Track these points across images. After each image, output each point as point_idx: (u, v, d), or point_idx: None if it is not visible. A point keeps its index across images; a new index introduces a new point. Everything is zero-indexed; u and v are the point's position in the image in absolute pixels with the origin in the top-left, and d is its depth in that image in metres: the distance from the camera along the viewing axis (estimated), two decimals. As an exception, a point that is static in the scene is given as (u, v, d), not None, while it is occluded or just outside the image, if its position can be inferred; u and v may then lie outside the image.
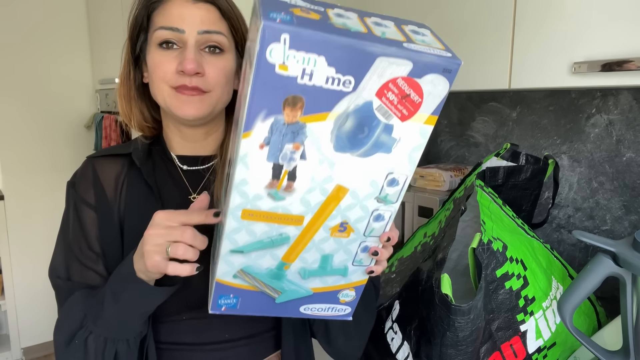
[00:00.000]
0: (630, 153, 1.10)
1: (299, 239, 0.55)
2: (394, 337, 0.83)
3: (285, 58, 0.44)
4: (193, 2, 0.71)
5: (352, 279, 0.60)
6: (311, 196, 0.52)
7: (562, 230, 1.24)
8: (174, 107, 0.71)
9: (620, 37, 0.80)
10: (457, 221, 0.82)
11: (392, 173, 0.52)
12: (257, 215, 0.53)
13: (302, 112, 0.47)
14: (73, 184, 0.77)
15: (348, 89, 0.46)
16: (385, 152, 0.51)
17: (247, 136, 0.48)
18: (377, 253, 0.58)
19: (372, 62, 0.45)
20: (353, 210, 0.54)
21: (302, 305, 0.61)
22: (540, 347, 0.78)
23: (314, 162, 0.50)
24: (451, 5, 1.06)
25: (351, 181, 0.52)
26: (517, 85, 0.97)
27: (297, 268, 0.57)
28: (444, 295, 0.70)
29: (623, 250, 0.70)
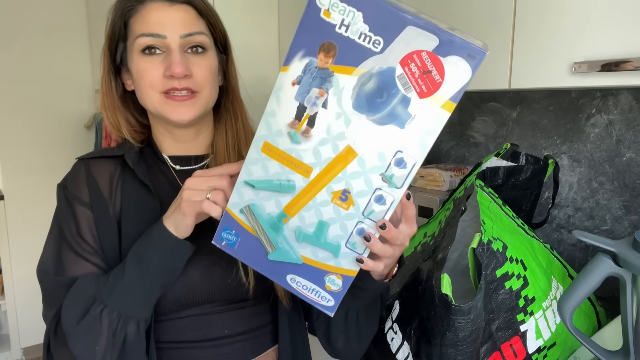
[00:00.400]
0: (630, 153, 1.10)
1: (303, 192, 0.58)
2: (394, 337, 0.83)
3: (331, 5, 0.49)
4: (170, 4, 0.71)
5: (342, 263, 0.60)
6: (323, 149, 0.55)
7: (562, 230, 1.24)
8: (166, 112, 0.72)
9: (620, 37, 0.80)
10: (457, 221, 0.82)
11: (402, 152, 0.53)
12: (275, 152, 0.57)
13: (333, 60, 0.51)
14: (64, 185, 0.76)
15: (377, 49, 0.50)
16: (399, 125, 0.52)
17: (285, 70, 0.53)
18: (369, 239, 0.58)
19: (402, 29, 0.49)
20: (357, 180, 0.56)
21: (289, 274, 0.62)
22: (540, 347, 0.78)
23: (333, 114, 0.54)
24: (451, 5, 1.06)
25: (361, 146, 0.54)
26: (517, 85, 0.97)
27: (294, 225, 0.59)
28: (444, 295, 0.70)
29: (623, 250, 0.70)
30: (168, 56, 0.70)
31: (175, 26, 0.71)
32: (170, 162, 0.80)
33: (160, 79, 0.71)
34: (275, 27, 1.67)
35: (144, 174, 0.76)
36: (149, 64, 0.70)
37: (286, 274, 0.63)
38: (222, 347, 0.76)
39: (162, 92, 0.71)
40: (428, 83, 0.50)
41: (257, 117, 1.73)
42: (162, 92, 0.71)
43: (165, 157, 0.80)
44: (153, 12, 0.70)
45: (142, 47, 0.70)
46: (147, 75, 0.71)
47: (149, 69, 0.70)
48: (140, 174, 0.75)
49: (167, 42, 0.70)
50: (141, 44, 0.70)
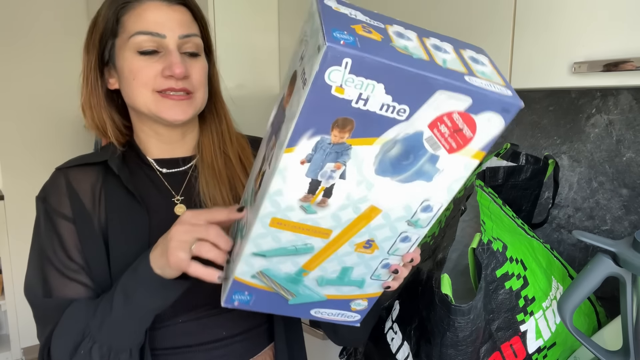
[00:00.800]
0: (630, 153, 1.10)
1: (323, 250, 0.55)
2: (394, 337, 0.83)
3: (344, 82, 0.42)
4: (168, 4, 0.70)
5: (367, 290, 0.60)
6: (343, 213, 0.52)
7: (562, 230, 1.24)
8: (161, 111, 0.71)
9: (620, 37, 0.80)
10: (457, 221, 0.82)
11: (428, 200, 0.52)
12: (286, 225, 0.53)
13: (350, 134, 0.46)
14: (43, 198, 0.72)
15: (401, 117, 0.45)
16: (426, 180, 0.50)
17: (289, 151, 0.47)
18: (397, 271, 0.58)
19: (432, 95, 0.44)
20: (382, 230, 0.54)
21: (313, 309, 0.61)
22: (540, 347, 0.78)
23: (353, 182, 0.50)
24: (451, 5, 1.06)
25: (386, 203, 0.51)
26: (517, 85, 0.97)
27: (315, 276, 0.57)
28: (444, 295, 0.70)
29: (623, 250, 0.70)
30: (166, 56, 0.70)
31: (173, 26, 0.70)
32: (156, 165, 0.78)
33: (156, 77, 0.70)
34: (275, 27, 1.67)
35: (128, 180, 0.73)
36: (144, 63, 0.69)
37: (310, 310, 0.62)
38: (220, 349, 0.75)
39: (157, 91, 0.70)
40: (458, 139, 0.47)
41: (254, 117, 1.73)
42: (158, 91, 0.70)
43: (150, 160, 0.78)
44: (151, 11, 0.69)
45: (139, 46, 0.69)
46: (142, 74, 0.69)
47: (143, 67, 0.69)
48: (125, 180, 0.72)
49: (166, 42, 0.70)
50: (138, 43, 0.69)
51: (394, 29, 0.48)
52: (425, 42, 0.48)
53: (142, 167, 0.78)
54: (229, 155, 0.79)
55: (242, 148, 0.82)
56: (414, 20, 1.17)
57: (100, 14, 0.73)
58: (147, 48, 0.69)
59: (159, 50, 0.70)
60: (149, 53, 0.69)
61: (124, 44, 0.70)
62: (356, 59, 0.41)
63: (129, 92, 0.72)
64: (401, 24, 0.50)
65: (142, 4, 0.70)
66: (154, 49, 0.69)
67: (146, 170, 0.78)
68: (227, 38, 1.57)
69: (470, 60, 0.49)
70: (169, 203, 0.76)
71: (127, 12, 0.70)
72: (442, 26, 1.08)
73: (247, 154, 0.81)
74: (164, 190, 0.77)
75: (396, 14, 0.59)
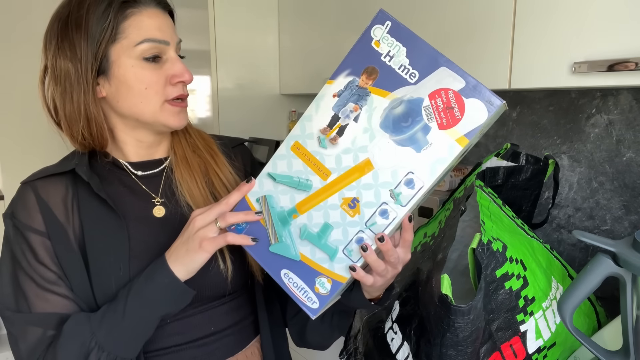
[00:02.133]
0: (630, 153, 1.10)
1: (317, 193, 0.63)
2: (394, 338, 0.83)
3: (382, 38, 0.59)
4: (162, 12, 0.71)
5: (335, 267, 0.63)
6: (345, 157, 0.62)
7: (562, 230, 1.24)
8: (166, 119, 0.71)
9: (620, 37, 0.80)
10: (457, 221, 0.82)
11: (413, 173, 0.59)
12: (302, 152, 0.63)
13: (373, 82, 0.60)
14: (12, 214, 0.70)
15: (412, 80, 0.58)
16: (416, 149, 0.58)
17: (330, 83, 0.62)
18: (366, 249, 0.60)
19: (437, 68, 0.57)
20: (368, 192, 0.61)
21: (284, 268, 0.66)
22: (540, 347, 0.78)
23: (361, 128, 0.61)
24: (451, 5, 1.06)
25: (379, 161, 0.60)
26: (517, 85, 0.97)
27: (301, 223, 0.64)
28: (444, 295, 0.70)
29: (623, 250, 0.70)
30: (169, 64, 0.70)
31: (171, 32, 0.71)
32: (131, 168, 0.76)
33: (165, 85, 0.70)
34: (275, 27, 1.67)
35: (99, 187, 0.70)
36: (152, 71, 0.69)
37: (281, 268, 0.66)
38: (211, 344, 0.76)
39: (166, 100, 0.71)
40: (449, 117, 0.57)
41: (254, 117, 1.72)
42: (168, 99, 0.71)
43: (125, 164, 0.76)
44: (153, 18, 0.69)
45: (146, 54, 0.68)
46: (153, 82, 0.69)
47: (153, 75, 0.69)
48: (95, 187, 0.70)
49: (168, 49, 0.70)
50: (146, 50, 0.68)
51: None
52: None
53: (115, 172, 0.76)
54: (199, 147, 0.81)
55: (202, 138, 0.83)
56: (415, 20, 1.18)
57: (84, 13, 0.67)
58: (152, 54, 0.69)
59: (162, 56, 0.70)
60: (153, 60, 0.69)
61: (125, 51, 0.68)
62: (395, 24, 0.59)
63: (133, 101, 0.70)
64: None
65: (143, 10, 0.68)
66: (157, 56, 0.69)
67: (120, 174, 0.76)
68: (227, 38, 1.57)
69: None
70: (148, 205, 0.75)
71: (127, 19, 0.67)
72: (443, 26, 1.08)
73: (208, 142, 0.82)
74: (141, 194, 0.76)
75: (397, 15, 0.61)
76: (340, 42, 1.40)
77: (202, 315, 0.75)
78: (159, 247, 0.70)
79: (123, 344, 0.64)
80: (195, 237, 0.64)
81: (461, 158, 0.61)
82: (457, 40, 1.06)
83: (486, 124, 0.57)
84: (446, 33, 1.08)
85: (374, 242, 0.60)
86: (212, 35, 1.54)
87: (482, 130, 0.57)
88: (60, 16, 0.70)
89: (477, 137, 0.59)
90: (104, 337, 0.64)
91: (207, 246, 0.64)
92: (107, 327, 0.64)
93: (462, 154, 0.59)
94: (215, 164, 0.80)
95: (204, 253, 0.64)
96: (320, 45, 1.48)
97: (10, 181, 2.43)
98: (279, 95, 1.73)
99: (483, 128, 0.57)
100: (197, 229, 0.64)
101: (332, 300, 0.67)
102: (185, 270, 0.65)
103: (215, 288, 0.74)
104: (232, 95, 1.62)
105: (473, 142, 0.59)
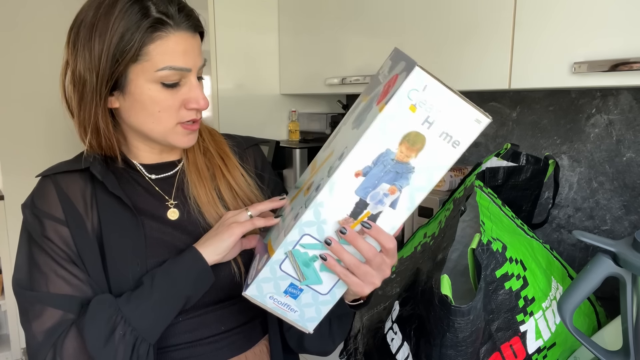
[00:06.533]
0: (630, 153, 1.10)
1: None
2: (394, 338, 0.83)
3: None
4: (192, 35, 0.68)
5: (275, 243, 0.60)
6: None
7: (562, 230, 1.24)
8: (175, 140, 0.73)
9: (620, 37, 0.80)
10: (457, 221, 0.82)
11: (347, 147, 0.51)
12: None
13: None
14: (31, 204, 0.71)
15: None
16: (356, 127, 0.52)
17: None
18: (330, 242, 0.56)
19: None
20: (320, 174, 0.56)
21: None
22: (540, 347, 0.78)
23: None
24: (451, 5, 1.06)
25: (336, 144, 0.55)
26: (517, 85, 0.97)
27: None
28: (444, 296, 0.70)
29: (623, 250, 0.70)
30: (187, 88, 0.69)
31: (195, 57, 0.69)
32: (145, 171, 0.78)
33: (180, 109, 0.70)
34: (275, 27, 1.67)
35: (114, 186, 0.72)
36: (169, 95, 0.68)
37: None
38: (220, 342, 0.78)
39: (179, 122, 0.71)
40: (386, 95, 0.49)
41: (254, 117, 1.72)
42: (180, 122, 0.71)
43: (138, 167, 0.78)
44: (180, 44, 0.66)
45: (166, 80, 0.67)
46: (168, 106, 0.69)
47: (169, 100, 0.68)
48: (110, 186, 0.71)
49: (189, 74, 0.69)
50: (166, 77, 0.66)
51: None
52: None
53: (129, 172, 0.77)
54: (210, 150, 0.82)
55: (214, 140, 0.84)
56: (415, 20, 1.17)
57: (125, 35, 0.64)
58: (172, 81, 0.68)
59: (181, 81, 0.69)
60: (172, 85, 0.68)
61: (146, 73, 0.66)
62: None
63: (144, 120, 0.70)
64: None
65: (172, 34, 0.65)
66: (176, 82, 0.68)
67: (134, 175, 0.77)
68: (227, 38, 1.57)
69: None
70: (162, 207, 0.77)
71: (154, 41, 0.64)
72: (443, 26, 1.08)
73: (220, 144, 0.84)
74: (156, 195, 0.77)
75: (397, 14, 0.60)
76: (340, 42, 1.40)
77: (214, 315, 0.77)
78: (176, 248, 0.73)
79: (148, 322, 0.65)
80: (225, 222, 0.70)
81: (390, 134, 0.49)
82: (458, 40, 1.06)
83: (404, 98, 0.47)
84: (446, 33, 1.08)
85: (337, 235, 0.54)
86: (212, 35, 1.54)
87: (403, 103, 0.47)
88: (86, 18, 0.66)
89: (405, 121, 0.47)
90: (131, 312, 0.65)
91: (236, 228, 0.67)
92: (135, 302, 0.65)
93: (386, 130, 0.48)
94: (225, 167, 0.81)
95: (232, 235, 0.67)
96: (320, 45, 1.48)
97: (11, 181, 2.43)
98: (279, 95, 1.72)
99: (403, 100, 0.47)
100: (229, 217, 0.70)
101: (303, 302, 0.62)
102: (213, 252, 0.68)
103: (226, 289, 0.76)
104: (232, 95, 1.62)
105: (401, 127, 0.48)
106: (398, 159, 0.47)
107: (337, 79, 1.39)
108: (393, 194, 0.48)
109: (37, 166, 0.79)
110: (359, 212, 0.50)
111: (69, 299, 0.67)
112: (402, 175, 0.47)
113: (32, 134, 2.45)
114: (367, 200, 0.49)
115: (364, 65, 1.33)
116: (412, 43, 1.15)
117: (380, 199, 0.49)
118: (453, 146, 0.48)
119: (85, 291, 0.68)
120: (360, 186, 0.48)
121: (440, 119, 0.47)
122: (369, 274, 0.58)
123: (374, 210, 0.49)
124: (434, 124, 0.47)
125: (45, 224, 0.69)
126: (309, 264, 0.58)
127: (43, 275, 0.68)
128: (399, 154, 0.47)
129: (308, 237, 0.54)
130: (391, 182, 0.48)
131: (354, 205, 0.49)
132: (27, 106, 2.44)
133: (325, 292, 0.61)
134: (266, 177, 0.87)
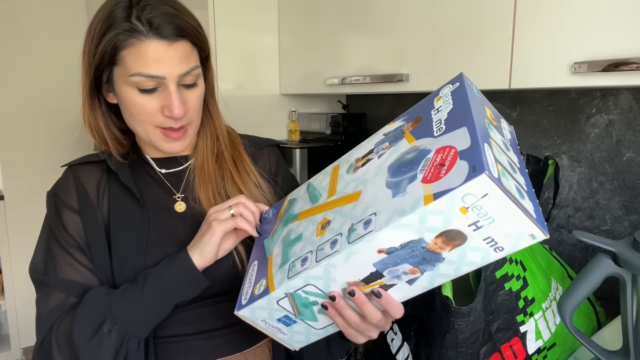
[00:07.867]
0: (630, 153, 1.10)
1: (316, 208, 0.61)
2: (394, 338, 0.83)
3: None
4: (168, 44, 0.67)
5: (276, 275, 0.59)
6: (350, 184, 0.56)
7: (562, 230, 1.24)
8: (159, 145, 0.74)
9: (620, 37, 0.80)
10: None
11: (375, 215, 0.50)
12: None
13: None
14: (55, 193, 0.78)
15: (436, 133, 0.48)
16: (392, 194, 0.50)
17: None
18: (335, 298, 0.55)
19: (459, 128, 0.47)
20: (340, 219, 0.56)
21: (255, 260, 0.66)
22: (540, 347, 0.78)
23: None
24: (451, 5, 1.06)
25: (365, 195, 0.53)
26: (517, 85, 0.97)
27: (292, 227, 0.63)
28: (444, 297, 0.70)
29: (623, 250, 0.70)
30: (165, 95, 0.69)
31: (173, 65, 0.68)
32: (155, 165, 0.82)
33: (156, 114, 0.71)
34: (275, 27, 1.67)
35: (127, 178, 0.76)
36: (144, 100, 0.70)
37: (254, 259, 0.66)
38: (218, 338, 0.77)
39: (157, 126, 0.72)
40: (435, 173, 0.46)
41: (254, 117, 1.72)
42: (159, 127, 0.72)
43: (150, 161, 0.82)
44: (151, 51, 0.66)
45: (138, 84, 0.68)
46: (142, 111, 0.70)
47: (143, 104, 0.70)
48: (123, 177, 0.76)
49: (165, 82, 0.69)
50: (137, 83, 0.68)
51: (505, 160, 0.48)
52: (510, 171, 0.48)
53: (143, 165, 0.82)
54: (223, 153, 0.83)
55: (231, 141, 0.85)
56: (415, 20, 1.17)
57: (97, 41, 0.69)
58: (146, 87, 0.69)
59: (159, 87, 0.69)
60: (149, 91, 0.69)
61: (122, 78, 0.69)
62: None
63: (129, 120, 0.74)
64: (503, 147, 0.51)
65: (143, 42, 0.66)
66: (153, 87, 0.69)
67: (147, 168, 0.82)
68: (227, 38, 1.57)
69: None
70: (171, 199, 0.80)
71: (126, 47, 0.67)
72: (442, 26, 1.08)
73: (235, 146, 0.85)
74: (166, 188, 0.80)
75: (397, 13, 0.59)
76: (340, 42, 1.40)
77: (213, 308, 0.77)
78: (177, 240, 0.74)
79: (136, 322, 0.67)
80: (208, 219, 0.70)
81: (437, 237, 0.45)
82: (458, 40, 1.06)
83: (464, 195, 0.42)
84: (446, 33, 1.08)
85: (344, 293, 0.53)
86: (212, 35, 1.53)
87: (459, 204, 0.43)
88: (91, 23, 0.72)
89: (455, 218, 0.43)
90: (120, 312, 0.67)
91: (216, 227, 0.67)
92: (125, 303, 0.67)
93: (426, 229, 0.44)
94: (236, 171, 0.81)
95: (214, 235, 0.67)
96: (320, 45, 1.48)
97: (11, 181, 2.43)
98: (279, 95, 1.72)
99: (463, 201, 0.42)
100: (210, 214, 0.70)
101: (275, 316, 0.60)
102: (200, 255, 0.68)
103: (227, 281, 0.75)
104: (232, 95, 1.62)
105: (452, 233, 0.44)
106: (430, 248, 0.45)
107: (337, 79, 1.39)
108: (414, 274, 0.47)
109: (37, 166, 0.82)
110: (372, 280, 0.49)
111: (73, 284, 0.71)
112: (429, 262, 0.46)
113: (32, 134, 2.45)
114: (384, 273, 0.48)
115: (364, 65, 1.33)
116: (412, 43, 1.15)
117: (398, 275, 0.47)
118: (495, 251, 0.45)
119: (89, 278, 0.72)
120: (380, 261, 0.47)
121: (491, 226, 0.43)
122: (367, 330, 0.58)
123: (389, 282, 0.48)
124: (482, 229, 0.44)
125: (62, 212, 0.75)
126: (308, 306, 0.58)
127: (53, 261, 0.73)
128: (433, 245, 0.45)
129: (312, 287, 0.54)
130: (415, 265, 0.46)
131: (368, 274, 0.49)
132: (27, 106, 2.44)
133: (319, 327, 0.61)
134: (280, 179, 0.87)
